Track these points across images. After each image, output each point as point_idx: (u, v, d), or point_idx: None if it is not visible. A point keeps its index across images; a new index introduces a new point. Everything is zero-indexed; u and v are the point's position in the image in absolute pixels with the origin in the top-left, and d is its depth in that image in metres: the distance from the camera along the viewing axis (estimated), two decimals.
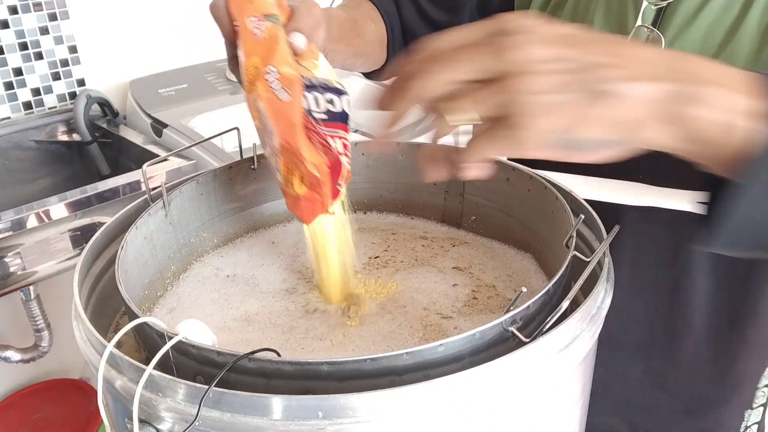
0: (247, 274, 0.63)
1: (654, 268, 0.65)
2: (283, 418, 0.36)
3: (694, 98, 0.35)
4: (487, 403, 0.38)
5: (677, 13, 0.58)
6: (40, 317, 1.28)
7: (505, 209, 0.67)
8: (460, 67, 0.36)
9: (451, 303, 0.58)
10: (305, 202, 0.50)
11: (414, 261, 0.65)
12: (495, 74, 0.35)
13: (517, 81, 0.34)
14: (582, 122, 0.35)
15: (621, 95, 0.34)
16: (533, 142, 0.35)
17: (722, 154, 0.36)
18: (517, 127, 0.34)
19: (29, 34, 1.33)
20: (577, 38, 0.36)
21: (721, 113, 0.35)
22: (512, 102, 0.34)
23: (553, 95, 0.34)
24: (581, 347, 0.43)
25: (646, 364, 0.70)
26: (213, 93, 1.47)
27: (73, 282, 0.50)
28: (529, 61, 0.34)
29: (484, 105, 0.35)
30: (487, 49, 0.35)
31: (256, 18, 0.52)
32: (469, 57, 0.36)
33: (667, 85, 0.35)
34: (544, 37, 0.35)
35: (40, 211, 1.01)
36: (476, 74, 0.35)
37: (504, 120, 0.35)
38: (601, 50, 0.35)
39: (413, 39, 0.79)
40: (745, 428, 0.74)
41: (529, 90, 0.34)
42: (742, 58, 0.54)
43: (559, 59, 0.35)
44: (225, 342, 0.54)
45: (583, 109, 0.34)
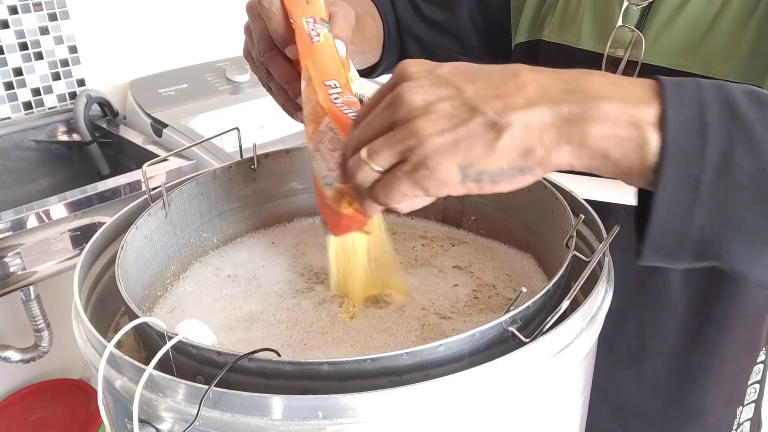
0: (249, 274, 0.63)
1: (644, 272, 0.66)
2: (283, 418, 0.36)
3: (587, 117, 0.36)
4: (487, 403, 0.38)
5: (659, 13, 0.58)
6: (40, 317, 1.28)
7: (505, 209, 0.67)
8: (368, 133, 0.39)
9: (451, 303, 0.58)
10: (346, 220, 0.49)
11: (414, 261, 0.65)
12: (396, 123, 0.37)
13: (411, 125, 0.36)
14: (483, 155, 0.36)
15: (512, 124, 0.36)
16: (443, 181, 0.37)
17: (630, 167, 0.37)
18: (423, 167, 0.36)
19: (29, 34, 1.33)
20: (462, 75, 0.37)
21: (616, 128, 0.36)
22: (413, 146, 0.36)
23: (448, 133, 0.36)
24: (581, 347, 0.43)
25: (638, 369, 0.71)
26: (213, 93, 1.47)
27: (73, 282, 0.50)
28: (418, 105, 0.36)
29: (394, 148, 0.37)
30: (383, 106, 0.38)
31: (312, 20, 0.51)
32: (374, 120, 0.39)
33: (558, 108, 0.36)
34: (430, 79, 0.37)
35: (40, 211, 1.01)
36: (384, 128, 0.38)
37: (409, 163, 0.37)
38: (485, 84, 0.37)
39: (409, 36, 0.79)
40: (737, 425, 0.74)
41: (425, 132, 0.36)
42: (719, 54, 0.55)
43: (446, 98, 0.36)
44: (226, 341, 0.54)
45: (480, 142, 0.36)
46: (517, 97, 0.36)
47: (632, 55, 0.59)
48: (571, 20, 0.65)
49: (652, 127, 0.35)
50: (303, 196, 0.74)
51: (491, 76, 0.37)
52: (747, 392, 0.73)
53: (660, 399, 0.71)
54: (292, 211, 0.74)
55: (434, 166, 0.36)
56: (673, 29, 0.57)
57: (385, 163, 0.38)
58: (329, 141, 0.47)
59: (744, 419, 0.74)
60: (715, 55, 0.55)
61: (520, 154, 0.36)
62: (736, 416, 0.73)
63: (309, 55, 0.50)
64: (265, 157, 0.69)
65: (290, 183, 0.72)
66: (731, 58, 0.54)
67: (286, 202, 0.73)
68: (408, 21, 0.78)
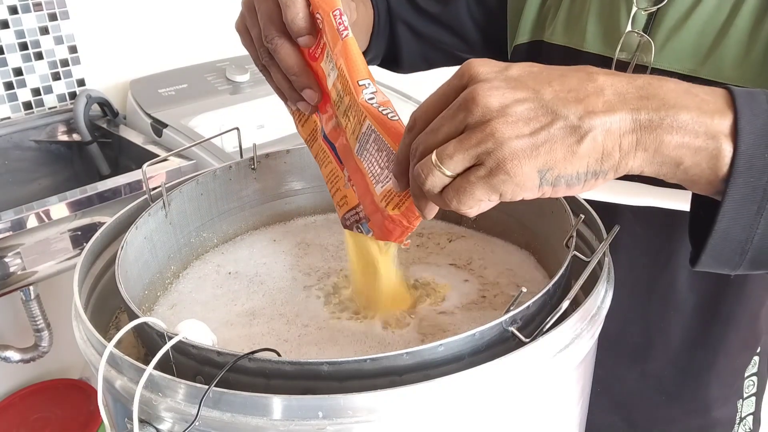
0: (250, 272, 0.64)
1: (649, 270, 0.66)
2: (283, 418, 0.36)
3: (665, 125, 0.36)
4: (487, 403, 0.38)
5: (667, 18, 0.58)
6: (40, 317, 1.28)
7: (504, 209, 0.67)
8: (439, 137, 0.37)
9: (451, 303, 0.58)
10: (390, 223, 0.48)
11: (414, 259, 0.65)
12: (470, 125, 0.36)
13: (488, 127, 0.35)
14: (563, 159, 0.36)
15: (594, 128, 0.35)
16: (521, 185, 0.36)
17: (699, 175, 0.37)
18: (501, 171, 0.35)
19: (29, 34, 1.33)
20: (537, 77, 0.37)
21: (692, 137, 0.36)
22: (491, 149, 0.35)
23: (528, 137, 0.35)
24: (581, 347, 0.43)
25: (642, 366, 0.71)
26: (213, 93, 1.46)
27: (73, 282, 0.50)
28: (494, 107, 0.35)
29: (468, 152, 0.36)
30: (454, 109, 0.37)
31: (339, 12, 0.48)
32: (444, 123, 0.37)
33: (637, 114, 0.36)
34: (504, 79, 0.36)
35: (40, 211, 1.01)
36: (457, 132, 0.37)
37: (485, 167, 0.36)
38: (562, 87, 0.36)
39: (400, 23, 0.76)
40: (740, 419, 0.74)
41: (504, 134, 0.35)
42: (731, 60, 0.55)
43: (523, 100, 0.36)
44: (227, 337, 0.54)
45: (561, 146, 0.35)
46: (597, 101, 0.36)
47: (640, 59, 0.59)
48: (575, 22, 0.65)
49: (726, 138, 0.36)
50: (303, 196, 0.74)
51: (567, 79, 0.36)
52: (745, 385, 0.73)
53: (663, 395, 0.71)
54: (293, 211, 0.74)
55: (513, 170, 0.35)
56: (682, 34, 0.57)
57: (459, 168, 0.36)
58: (374, 141, 0.46)
59: (746, 413, 0.74)
60: (727, 61, 0.55)
61: (598, 159, 0.36)
62: (738, 410, 0.73)
63: (341, 54, 0.47)
64: (265, 157, 0.69)
65: (290, 183, 0.72)
66: (743, 65, 0.54)
67: (286, 202, 0.73)
68: (401, 11, 0.77)
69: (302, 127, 0.60)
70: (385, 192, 0.47)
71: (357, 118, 0.48)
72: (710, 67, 0.56)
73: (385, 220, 0.48)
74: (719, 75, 0.55)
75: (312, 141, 0.60)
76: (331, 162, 0.56)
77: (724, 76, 0.55)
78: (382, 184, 0.47)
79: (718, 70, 0.55)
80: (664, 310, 0.67)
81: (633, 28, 0.59)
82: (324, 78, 0.52)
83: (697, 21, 0.56)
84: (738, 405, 0.73)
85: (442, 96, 0.38)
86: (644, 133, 0.36)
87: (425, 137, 0.38)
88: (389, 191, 0.46)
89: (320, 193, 0.74)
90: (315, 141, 0.59)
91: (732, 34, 0.55)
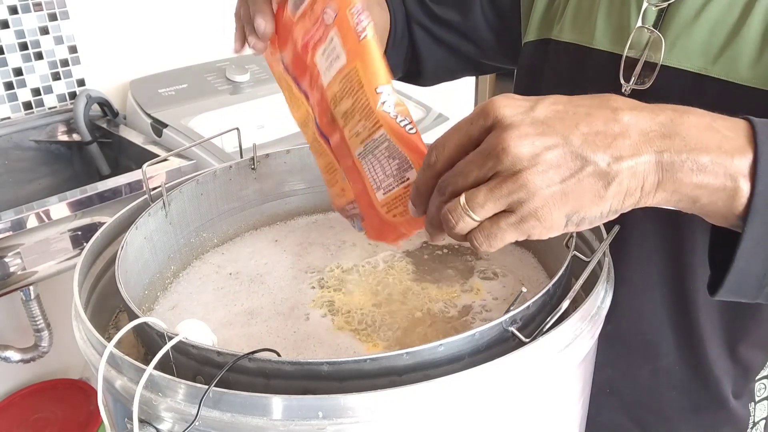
0: (250, 272, 0.64)
1: (660, 267, 0.65)
2: (283, 418, 0.36)
3: (686, 168, 0.37)
4: (487, 403, 0.38)
5: (678, 15, 0.57)
6: (40, 317, 1.28)
7: None
8: (468, 181, 0.37)
9: (451, 302, 0.58)
10: (387, 227, 0.48)
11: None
12: (501, 173, 0.36)
13: (520, 178, 0.36)
14: (589, 203, 0.37)
15: (621, 172, 0.36)
16: (549, 229, 0.37)
17: (714, 212, 0.38)
18: (532, 218, 0.36)
19: (29, 34, 1.33)
20: (564, 119, 0.37)
21: (711, 178, 0.37)
22: (523, 199, 0.36)
23: (558, 185, 0.36)
24: (581, 347, 0.43)
25: (654, 363, 0.70)
26: (213, 93, 1.46)
27: (73, 282, 0.50)
28: (525, 157, 0.35)
29: (499, 200, 0.37)
30: (482, 155, 0.37)
31: (358, 10, 0.45)
32: (473, 169, 0.37)
33: (660, 156, 0.37)
34: (531, 124, 0.36)
35: (40, 211, 1.01)
36: (480, 180, 0.37)
37: (516, 215, 0.37)
38: (589, 128, 0.36)
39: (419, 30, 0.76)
40: (753, 424, 0.74)
41: (536, 185, 0.36)
42: (744, 61, 0.54)
43: (553, 146, 0.36)
44: (227, 336, 0.54)
45: (589, 192, 0.36)
46: (624, 144, 0.36)
47: (649, 57, 0.59)
48: (584, 20, 0.65)
49: (745, 178, 0.37)
50: (303, 196, 0.74)
51: (593, 120, 0.37)
52: (756, 388, 0.72)
53: (675, 390, 0.71)
54: (293, 211, 0.74)
55: (544, 216, 0.36)
56: (693, 32, 0.57)
57: (488, 214, 0.37)
58: (386, 149, 0.46)
59: (759, 418, 0.74)
60: (740, 62, 0.54)
61: (621, 200, 0.37)
62: (750, 413, 0.73)
63: (357, 56, 0.45)
64: (265, 157, 0.69)
65: (290, 183, 0.72)
66: (756, 66, 0.54)
67: (286, 202, 0.73)
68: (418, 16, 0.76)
69: (295, 111, 0.59)
70: (389, 200, 0.47)
71: (368, 123, 0.46)
72: (721, 67, 0.55)
73: (384, 225, 0.48)
74: (731, 75, 0.55)
75: (305, 126, 0.59)
76: (328, 154, 0.56)
77: (738, 76, 0.55)
78: (385, 191, 0.47)
79: (730, 70, 0.55)
80: (675, 305, 0.67)
81: (643, 24, 0.59)
82: (314, 71, 0.51)
83: (708, 18, 0.56)
84: (750, 408, 0.73)
85: (465, 135, 0.38)
86: (666, 174, 0.37)
87: (453, 179, 0.38)
88: (393, 200, 0.46)
89: (320, 193, 0.74)
90: (308, 127, 0.58)
91: (745, 34, 0.54)
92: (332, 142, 0.54)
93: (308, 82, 0.54)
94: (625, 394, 0.72)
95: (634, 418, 0.74)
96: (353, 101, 0.47)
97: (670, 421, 0.73)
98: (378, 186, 0.47)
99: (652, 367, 0.71)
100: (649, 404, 0.73)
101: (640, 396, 0.72)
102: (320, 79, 0.51)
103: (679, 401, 0.72)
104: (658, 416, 0.73)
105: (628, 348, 0.69)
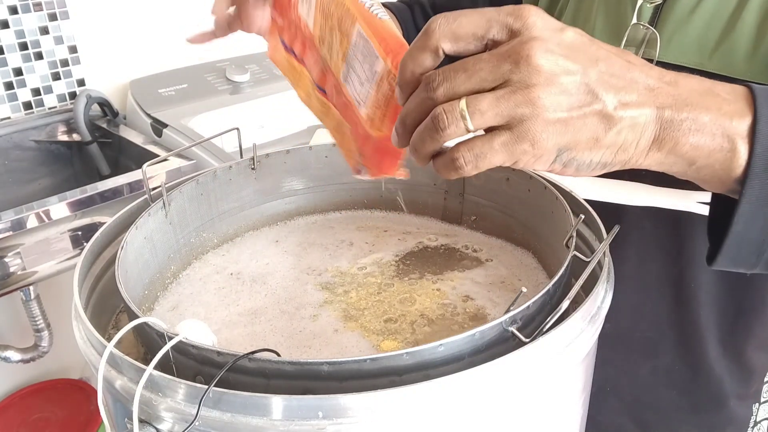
0: (251, 272, 0.64)
1: (659, 265, 0.65)
2: (283, 418, 0.36)
3: (684, 126, 0.36)
4: (487, 403, 0.38)
5: (674, 11, 0.58)
6: (40, 317, 1.28)
7: (505, 209, 0.67)
8: (479, 76, 0.34)
9: (452, 302, 0.58)
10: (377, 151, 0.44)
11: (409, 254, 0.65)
12: (513, 82, 0.34)
13: (532, 92, 0.33)
14: (585, 144, 0.35)
15: (623, 120, 0.35)
16: (537, 158, 0.35)
17: (711, 175, 0.38)
18: (526, 141, 0.34)
19: (29, 34, 1.33)
20: (587, 51, 0.35)
21: (709, 138, 0.36)
22: (526, 116, 0.34)
23: (564, 112, 0.34)
24: (581, 347, 0.43)
25: (653, 362, 0.70)
26: (213, 93, 1.46)
27: (73, 282, 0.50)
28: (545, 72, 0.33)
29: (502, 112, 0.34)
30: (503, 57, 0.34)
31: None
32: (485, 68, 0.34)
33: (661, 112, 0.36)
34: (558, 43, 0.34)
35: (40, 211, 1.01)
36: (495, 82, 0.34)
37: (512, 132, 0.34)
38: (608, 68, 0.35)
39: None
40: (754, 423, 0.73)
41: (544, 104, 0.33)
42: (740, 55, 0.55)
43: (572, 72, 0.34)
44: (229, 337, 0.54)
45: (589, 130, 0.35)
46: (633, 91, 0.35)
47: (645, 54, 0.59)
48: (583, 20, 0.65)
49: (743, 140, 0.36)
50: (303, 196, 0.74)
51: (611, 62, 0.35)
52: (763, 390, 0.72)
53: (674, 390, 0.71)
54: (293, 211, 0.74)
55: (539, 142, 0.34)
56: (689, 27, 0.57)
57: (484, 125, 0.34)
58: (360, 53, 0.42)
59: (761, 418, 0.74)
60: (735, 56, 0.55)
61: (614, 151, 0.36)
62: (753, 413, 0.73)
63: None
64: (265, 157, 0.69)
65: (290, 183, 0.72)
66: (752, 59, 0.54)
67: (286, 202, 0.73)
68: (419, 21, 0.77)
69: (299, 88, 0.59)
70: (369, 111, 0.43)
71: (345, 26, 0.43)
72: (717, 61, 0.56)
73: (378, 152, 0.44)
74: (727, 69, 0.55)
75: (309, 97, 0.58)
76: (331, 109, 0.53)
77: (734, 70, 0.55)
78: (364, 102, 0.43)
79: (726, 65, 0.55)
80: (675, 304, 0.67)
81: (639, 20, 0.59)
82: (299, 24, 0.51)
83: (703, 13, 0.56)
84: (753, 408, 0.73)
85: (487, 22, 0.35)
86: (663, 132, 0.36)
87: (455, 74, 0.34)
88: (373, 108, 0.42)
89: (320, 193, 0.74)
90: (311, 96, 0.57)
91: (740, 28, 0.54)
92: (327, 91, 0.51)
93: (300, 45, 0.53)
94: (625, 393, 0.72)
95: (635, 418, 0.74)
96: (335, 21, 0.45)
97: (670, 420, 0.73)
98: (359, 102, 0.44)
99: (651, 366, 0.71)
100: (648, 403, 0.73)
101: (639, 395, 0.73)
102: (307, 29, 0.50)
103: (679, 401, 0.72)
104: (657, 416, 0.73)
105: (627, 346, 0.70)
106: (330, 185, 0.74)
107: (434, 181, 0.72)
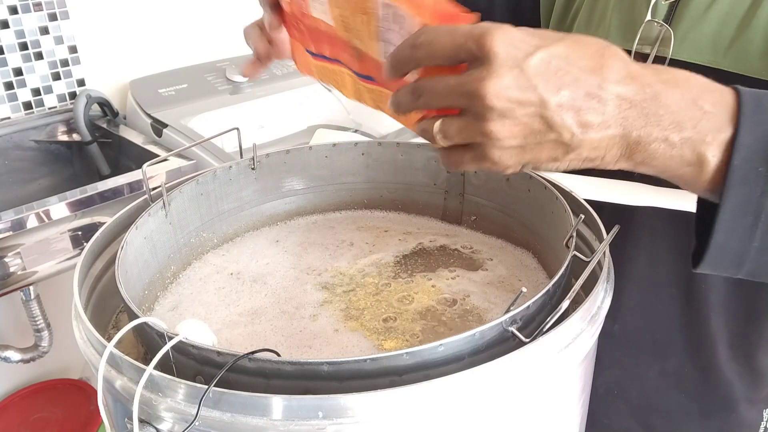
0: (251, 272, 0.64)
1: (669, 266, 0.65)
2: (283, 418, 0.36)
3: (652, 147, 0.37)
4: (487, 403, 0.38)
5: (689, 8, 0.57)
6: (40, 317, 1.28)
7: (505, 209, 0.67)
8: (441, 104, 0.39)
9: (452, 302, 0.58)
10: None
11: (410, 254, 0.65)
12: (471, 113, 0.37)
13: (485, 126, 0.37)
14: (546, 160, 0.39)
15: (582, 145, 0.37)
16: (505, 169, 0.39)
17: (686, 184, 0.39)
18: (488, 160, 0.39)
19: (29, 34, 1.33)
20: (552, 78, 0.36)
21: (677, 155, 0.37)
22: (483, 143, 0.38)
23: (518, 139, 0.37)
24: (581, 347, 0.43)
25: (662, 364, 0.70)
26: (213, 93, 1.46)
27: (73, 282, 0.50)
28: (496, 109, 0.36)
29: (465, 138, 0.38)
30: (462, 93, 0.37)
31: None
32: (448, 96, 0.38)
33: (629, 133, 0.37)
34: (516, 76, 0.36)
35: (40, 211, 1.01)
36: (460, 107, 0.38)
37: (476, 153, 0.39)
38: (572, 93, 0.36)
39: None
40: (764, 428, 0.73)
41: (497, 135, 0.37)
42: (754, 53, 0.54)
43: (527, 104, 0.36)
44: (230, 336, 0.54)
45: (547, 152, 0.38)
46: (598, 114, 0.37)
47: (659, 52, 0.59)
48: (599, 18, 0.65)
49: (714, 155, 0.37)
50: (303, 196, 0.74)
51: (578, 85, 0.36)
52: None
53: (683, 393, 0.71)
54: (293, 211, 0.74)
55: (500, 161, 0.38)
56: (703, 25, 0.57)
57: (454, 143, 0.39)
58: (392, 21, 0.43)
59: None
60: (751, 54, 0.54)
61: (579, 163, 0.39)
62: (763, 418, 0.72)
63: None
64: (265, 157, 0.69)
65: (290, 183, 0.72)
66: (767, 57, 0.54)
67: (286, 202, 0.73)
68: None
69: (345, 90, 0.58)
70: None
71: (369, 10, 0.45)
72: (731, 59, 0.55)
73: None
74: (741, 67, 0.55)
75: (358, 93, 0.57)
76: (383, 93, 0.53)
77: (749, 68, 0.54)
78: None
79: (740, 63, 0.55)
80: (685, 306, 0.66)
81: (653, 18, 0.59)
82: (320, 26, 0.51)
83: (718, 11, 0.56)
84: (764, 414, 0.72)
85: (454, 48, 0.38)
86: (631, 149, 0.38)
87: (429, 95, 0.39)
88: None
89: (320, 193, 0.74)
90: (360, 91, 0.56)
91: (754, 26, 0.54)
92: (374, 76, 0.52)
93: (328, 46, 0.54)
94: (633, 397, 0.72)
95: (643, 421, 0.73)
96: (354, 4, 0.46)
97: (678, 424, 0.73)
98: None
99: (660, 368, 0.70)
100: (657, 407, 0.72)
101: (648, 398, 0.72)
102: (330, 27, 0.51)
103: (688, 404, 0.71)
104: (666, 420, 0.73)
105: (635, 347, 0.69)
106: (330, 185, 0.74)
107: (434, 181, 0.72)
